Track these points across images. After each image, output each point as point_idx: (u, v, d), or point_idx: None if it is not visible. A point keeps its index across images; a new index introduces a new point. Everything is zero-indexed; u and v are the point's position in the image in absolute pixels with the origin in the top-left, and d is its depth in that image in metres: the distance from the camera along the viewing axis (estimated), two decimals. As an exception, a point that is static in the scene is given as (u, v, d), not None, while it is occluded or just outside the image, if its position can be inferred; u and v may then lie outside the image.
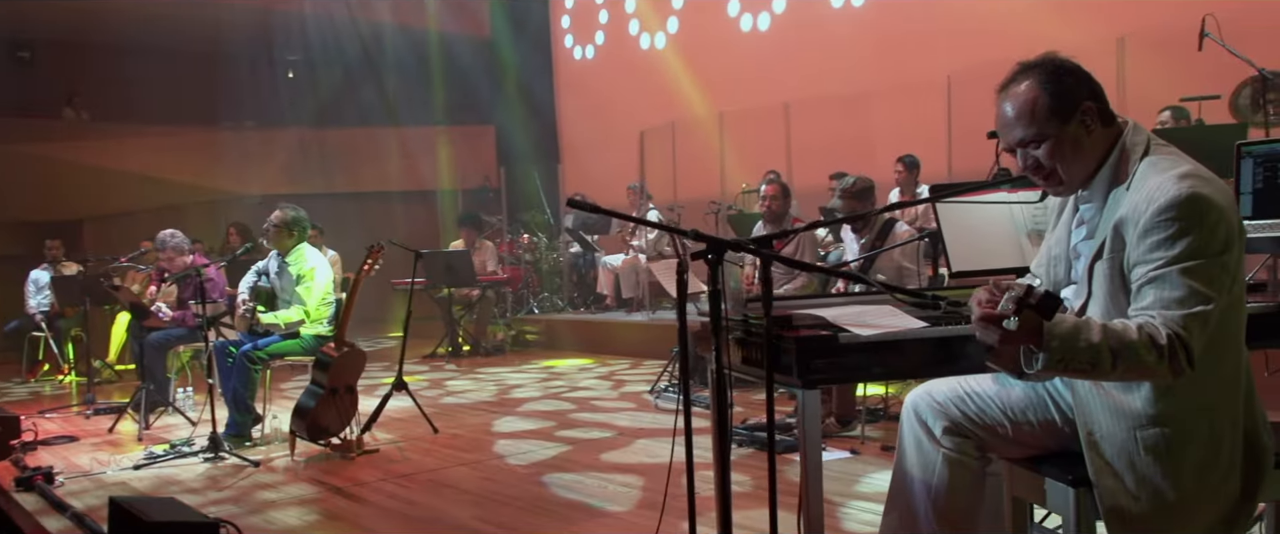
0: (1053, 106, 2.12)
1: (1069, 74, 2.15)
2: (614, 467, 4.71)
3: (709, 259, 2.39)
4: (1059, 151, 2.13)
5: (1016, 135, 2.17)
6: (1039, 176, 2.20)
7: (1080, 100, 2.12)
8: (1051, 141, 2.13)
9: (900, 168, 8.15)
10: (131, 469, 5.07)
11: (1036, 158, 2.16)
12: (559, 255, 11.43)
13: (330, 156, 14.38)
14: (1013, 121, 2.17)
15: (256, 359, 5.56)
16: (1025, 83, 2.16)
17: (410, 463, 4.97)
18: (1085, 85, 2.14)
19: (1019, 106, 2.15)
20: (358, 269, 5.37)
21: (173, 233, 6.85)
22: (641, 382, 7.53)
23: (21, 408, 7.34)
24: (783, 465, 4.54)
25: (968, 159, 7.16)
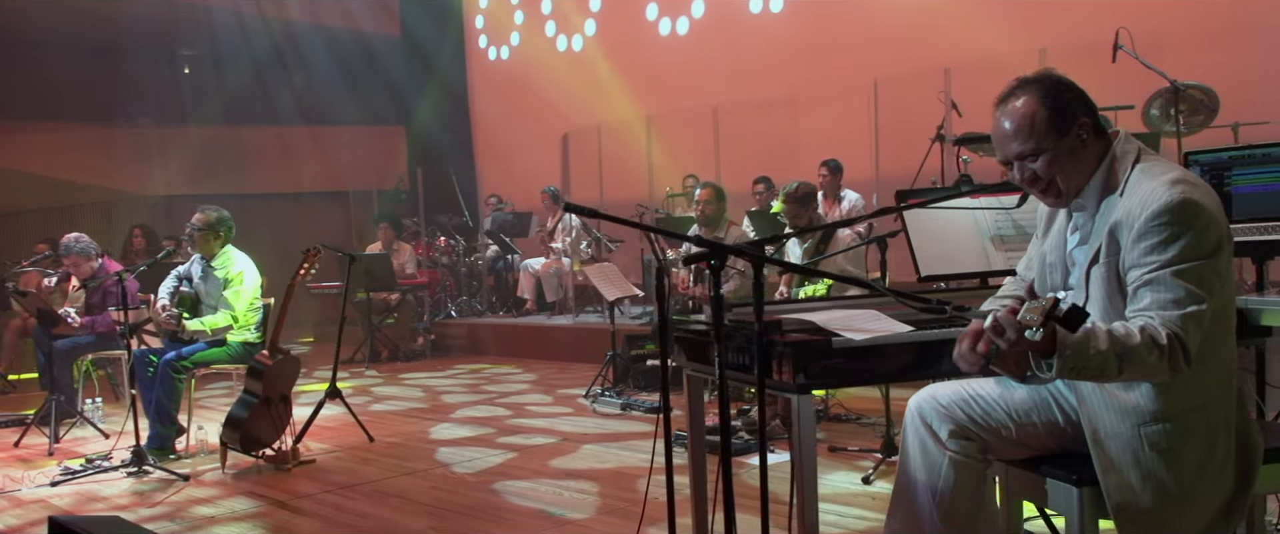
0: (1052, 120, 2.16)
1: (1068, 90, 2.20)
2: (565, 473, 4.64)
3: (712, 265, 2.36)
4: (1057, 164, 2.18)
5: (1015, 149, 2.21)
6: (1036, 188, 2.25)
7: (1078, 115, 2.17)
8: (1049, 154, 2.17)
9: (825, 171, 8.26)
10: (48, 486, 4.78)
11: (1034, 170, 2.20)
12: (477, 258, 11.24)
13: (235, 156, 13.87)
14: (1011, 135, 2.21)
15: (181, 368, 5.30)
16: (1024, 98, 2.20)
17: (351, 473, 4.81)
18: (1081, 101, 2.20)
19: (1018, 121, 2.19)
20: (293, 274, 5.16)
21: (78, 237, 6.50)
22: (574, 386, 7.46)
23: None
24: (737, 469, 4.55)
25: (896, 161, 7.31)
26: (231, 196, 13.51)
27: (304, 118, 14.12)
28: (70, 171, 13.19)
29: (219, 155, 13.74)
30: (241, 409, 4.93)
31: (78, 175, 13.28)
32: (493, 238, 10.76)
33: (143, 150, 13.73)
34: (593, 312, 9.98)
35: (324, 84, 14.17)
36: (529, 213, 11.28)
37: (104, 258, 6.64)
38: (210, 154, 13.68)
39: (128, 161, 13.66)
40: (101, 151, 13.49)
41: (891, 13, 8.50)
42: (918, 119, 7.09)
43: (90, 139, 13.44)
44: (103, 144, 13.51)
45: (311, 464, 5.04)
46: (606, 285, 6.88)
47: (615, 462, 4.83)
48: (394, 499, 4.30)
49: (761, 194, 8.70)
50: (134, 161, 13.68)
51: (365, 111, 14.52)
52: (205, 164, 13.68)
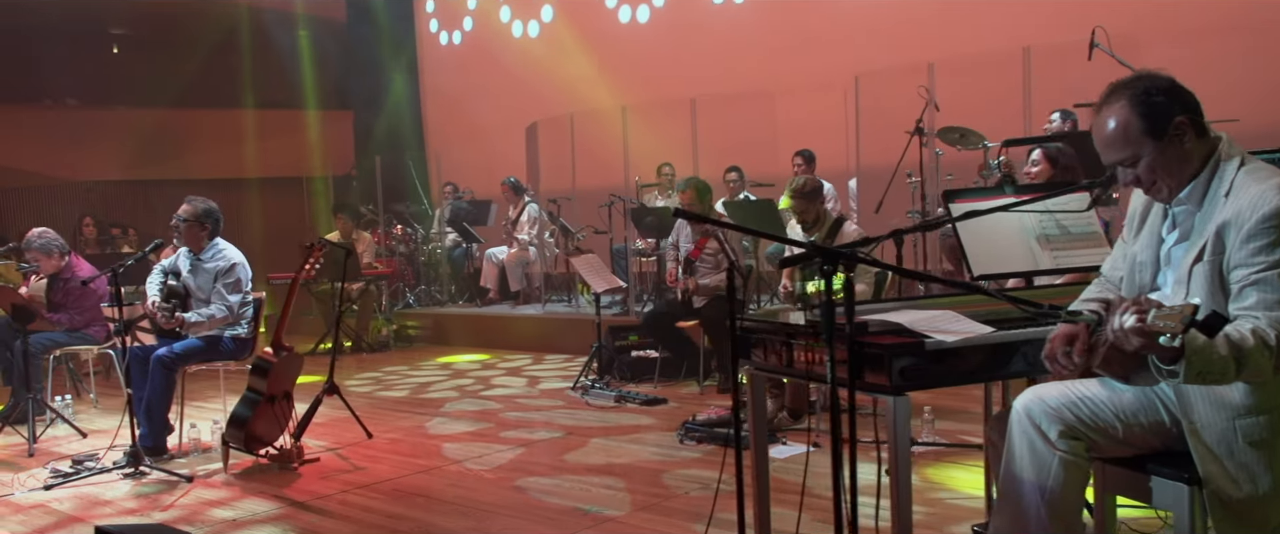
0: (1145, 127, 2.23)
1: (1160, 93, 2.26)
2: (585, 468, 4.63)
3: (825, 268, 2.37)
4: (1157, 167, 2.25)
5: (1114, 157, 2.28)
6: (1141, 189, 2.32)
7: (1172, 117, 2.23)
8: (1148, 159, 2.24)
9: (799, 161, 8.36)
10: (42, 489, 4.59)
11: (1136, 174, 2.27)
12: (436, 247, 11.08)
13: (175, 140, 13.38)
14: (1108, 145, 2.28)
15: (173, 365, 5.14)
16: (1117, 105, 2.26)
17: (363, 472, 4.73)
18: (1178, 101, 2.25)
19: (1113, 131, 2.25)
20: (298, 269, 5.04)
21: (41, 232, 6.25)
22: (554, 377, 7.45)
23: None
24: (757, 461, 4.59)
25: (871, 154, 7.43)
26: (174, 182, 13.12)
27: (245, 102, 13.72)
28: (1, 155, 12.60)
29: (157, 140, 13.24)
30: (246, 408, 4.80)
31: (5, 159, 12.69)
32: (454, 227, 10.63)
33: (74, 134, 13.16)
34: (559, 301, 9.94)
35: (266, 67, 13.79)
36: (488, 201, 11.16)
37: (72, 256, 6.38)
38: (148, 138, 13.18)
39: (59, 145, 13.09)
40: (29, 134, 12.89)
41: (873, 8, 8.64)
42: (895, 112, 7.22)
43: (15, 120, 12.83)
44: (30, 126, 12.92)
45: (316, 462, 4.94)
46: (594, 277, 6.86)
47: (630, 456, 4.84)
48: (418, 498, 4.24)
49: (733, 183, 8.78)
50: (66, 146, 13.11)
51: (310, 96, 14.19)
52: (143, 149, 13.20)
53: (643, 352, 7.07)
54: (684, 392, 6.48)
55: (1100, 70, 5.99)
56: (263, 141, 13.68)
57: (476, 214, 10.96)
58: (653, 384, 6.68)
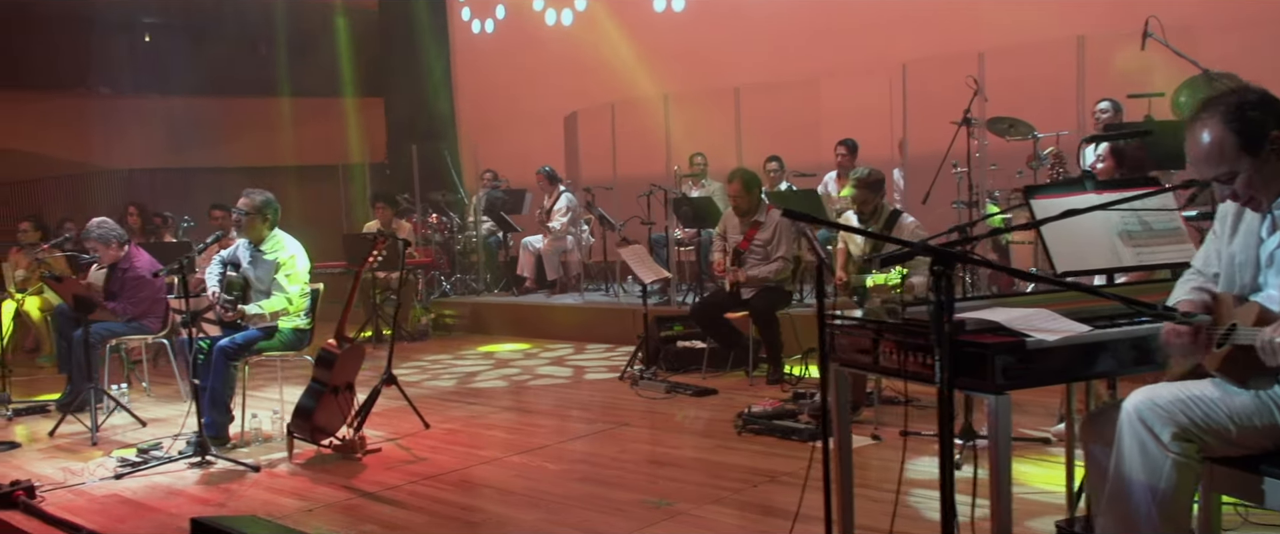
0: (1241, 143, 2.24)
1: (1254, 107, 2.26)
2: (646, 460, 4.66)
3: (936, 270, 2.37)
4: (1254, 182, 2.27)
5: (1209, 173, 2.29)
6: (1239, 202, 2.33)
7: (1268, 132, 2.24)
8: (1245, 175, 2.25)
9: (842, 150, 8.35)
10: (113, 478, 4.64)
11: (1234, 189, 2.28)
12: (473, 235, 11.09)
13: (209, 129, 13.46)
14: (1203, 160, 2.30)
15: (234, 355, 5.18)
16: (1211, 121, 2.28)
17: (427, 463, 4.76)
18: (1272, 115, 2.26)
19: (1207, 147, 2.28)
20: (361, 261, 5.07)
21: (101, 221, 6.34)
22: (600, 367, 7.47)
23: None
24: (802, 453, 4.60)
25: (918, 144, 7.40)
26: (207, 170, 13.20)
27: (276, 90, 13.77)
28: (36, 143, 12.70)
29: (189, 128, 13.33)
30: (310, 399, 4.84)
31: (44, 148, 12.78)
32: (492, 216, 10.65)
33: (109, 122, 13.26)
34: (596, 290, 9.95)
35: (296, 55, 13.82)
36: (523, 190, 11.18)
37: (131, 246, 6.45)
38: (180, 126, 13.27)
39: (93, 134, 13.19)
40: (66, 123, 13.00)
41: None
42: (940, 101, 7.19)
43: (52, 109, 12.92)
44: (67, 115, 13.01)
45: (378, 453, 4.97)
46: (641, 267, 6.87)
47: (691, 447, 4.86)
48: (487, 490, 4.28)
49: (774, 172, 8.77)
50: (100, 134, 13.21)
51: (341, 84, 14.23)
52: (175, 137, 13.28)
53: (688, 342, 7.09)
54: (732, 382, 6.49)
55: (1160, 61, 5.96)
56: (293, 130, 13.74)
57: (511, 203, 10.99)
58: (700, 374, 6.69)
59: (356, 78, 14.32)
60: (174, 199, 12.71)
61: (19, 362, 8.49)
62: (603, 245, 9.98)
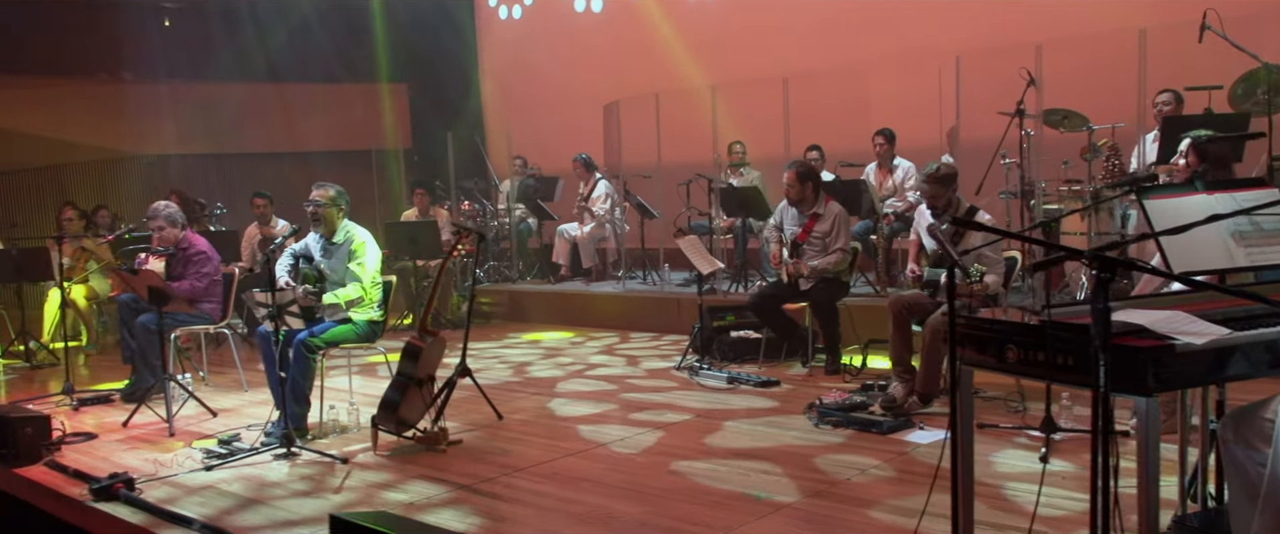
0: None
1: None
2: (732, 453, 4.70)
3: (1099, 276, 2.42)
4: None
5: None
6: None
7: None
8: None
9: (881, 140, 8.38)
10: (203, 471, 4.69)
11: None
12: (506, 222, 11.10)
13: (233, 114, 13.40)
14: None
15: (313, 347, 5.23)
16: None
17: (512, 454, 4.82)
18: None
19: None
20: (446, 254, 5.11)
21: (166, 204, 6.40)
22: (651, 356, 7.53)
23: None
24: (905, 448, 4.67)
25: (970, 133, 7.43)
26: (234, 156, 13.19)
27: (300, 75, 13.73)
28: (62, 129, 12.65)
29: (213, 113, 13.28)
30: (396, 392, 4.89)
31: (72, 133, 12.74)
32: (527, 203, 10.68)
33: (132, 108, 13.19)
34: (632, 277, 9.98)
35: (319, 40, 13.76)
36: (555, 177, 11.20)
37: (189, 230, 6.49)
38: (204, 112, 13.22)
39: (118, 120, 13.13)
40: (92, 109, 12.93)
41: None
42: (987, 91, 7.23)
43: (77, 96, 12.87)
44: (92, 101, 12.96)
45: (459, 445, 5.03)
46: (698, 258, 6.91)
47: (771, 440, 4.91)
48: (584, 483, 4.33)
49: (815, 162, 8.79)
50: (124, 120, 13.15)
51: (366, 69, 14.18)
52: (200, 123, 13.23)
53: (741, 332, 7.14)
54: (790, 372, 6.56)
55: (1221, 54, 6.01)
56: (317, 116, 13.70)
57: (543, 190, 11.02)
58: (757, 365, 6.75)
59: (379, 63, 14.29)
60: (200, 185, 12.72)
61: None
62: (639, 233, 10.00)
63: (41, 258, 8.05)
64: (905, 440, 4.78)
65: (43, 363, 8.04)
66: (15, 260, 8.05)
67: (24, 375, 7.76)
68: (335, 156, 13.19)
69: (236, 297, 6.71)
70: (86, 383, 7.12)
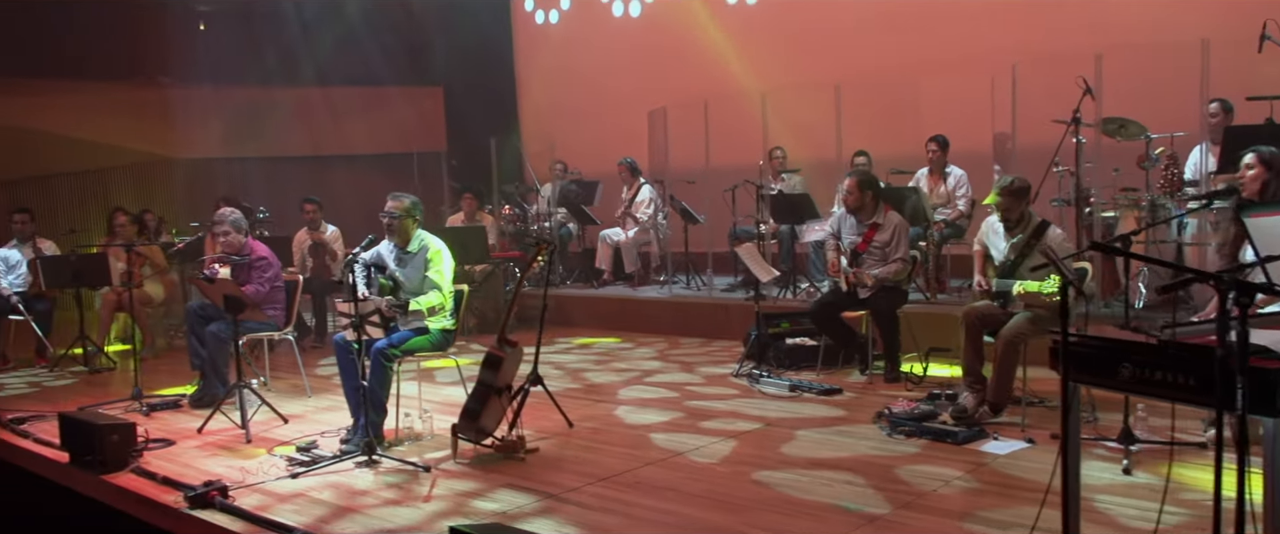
0: None
1: None
2: (811, 462, 4.75)
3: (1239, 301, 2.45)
4: None
5: None
6: None
7: None
8: None
9: (933, 147, 8.40)
10: (289, 478, 4.76)
11: None
12: (547, 226, 11.14)
13: (269, 117, 13.48)
14: None
15: (391, 356, 5.30)
16: None
17: (592, 463, 4.88)
18: None
19: None
20: (526, 266, 5.18)
21: (232, 210, 6.51)
22: (705, 362, 7.58)
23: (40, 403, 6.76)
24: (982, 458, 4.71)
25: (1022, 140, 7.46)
26: (271, 160, 13.27)
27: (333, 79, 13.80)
28: (99, 133, 12.77)
29: (249, 117, 13.35)
30: (477, 401, 4.96)
31: (106, 137, 12.85)
32: (570, 208, 10.74)
33: (168, 111, 13.30)
34: (673, 282, 10.00)
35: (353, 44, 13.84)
36: (595, 181, 11.26)
37: (250, 237, 6.59)
38: (240, 115, 13.30)
39: (155, 123, 13.24)
40: (125, 112, 13.04)
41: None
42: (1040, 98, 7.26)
43: (112, 100, 12.98)
44: (126, 104, 13.07)
45: (536, 453, 5.09)
46: (756, 266, 6.96)
47: (846, 450, 4.94)
48: (668, 492, 4.39)
49: (863, 165, 8.84)
50: (161, 123, 13.26)
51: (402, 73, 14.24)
52: (236, 126, 13.31)
53: (797, 339, 7.19)
54: (849, 380, 6.60)
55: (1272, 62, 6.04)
56: (355, 119, 13.77)
57: (584, 194, 11.07)
58: (815, 372, 6.79)
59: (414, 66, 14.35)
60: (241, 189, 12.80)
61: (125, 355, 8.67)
62: (683, 238, 10.05)
63: (100, 264, 8.15)
64: (981, 451, 4.82)
65: (101, 367, 8.12)
66: (74, 266, 8.14)
67: (83, 380, 7.85)
68: (376, 160, 13.28)
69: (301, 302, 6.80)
70: (145, 388, 7.20)
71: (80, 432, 5.06)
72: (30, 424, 6.05)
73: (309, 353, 8.38)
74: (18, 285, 8.51)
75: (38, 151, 12.29)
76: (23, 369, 8.32)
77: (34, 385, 7.65)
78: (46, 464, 5.37)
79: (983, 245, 5.66)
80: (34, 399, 7.10)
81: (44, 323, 8.36)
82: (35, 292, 8.42)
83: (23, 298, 8.36)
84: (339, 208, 10.89)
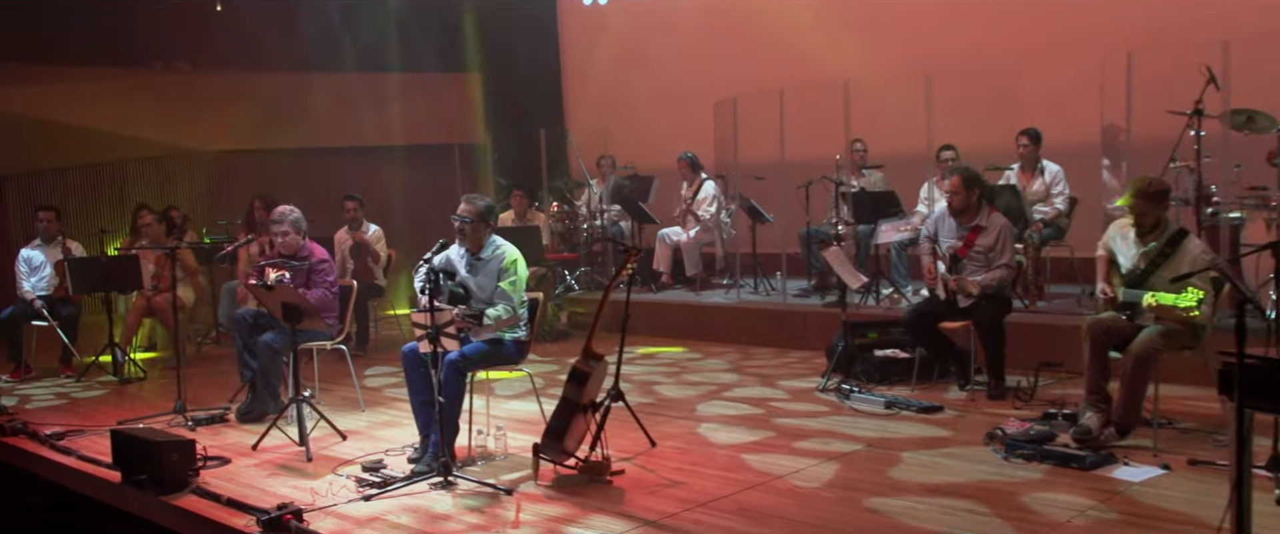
0: None
1: None
2: (922, 488, 4.75)
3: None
4: None
5: None
6: None
7: None
8: None
9: (1025, 141, 8.35)
10: (362, 501, 4.84)
11: None
12: (598, 225, 11.17)
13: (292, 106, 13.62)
14: None
15: (464, 369, 5.36)
16: None
17: (686, 487, 4.90)
18: None
19: None
20: (614, 274, 5.23)
21: (292, 208, 6.60)
22: (783, 374, 7.61)
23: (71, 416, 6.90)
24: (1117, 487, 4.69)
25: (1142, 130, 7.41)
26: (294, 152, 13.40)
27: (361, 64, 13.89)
28: (116, 123, 12.91)
29: (274, 106, 13.44)
30: (561, 420, 5.01)
31: (121, 127, 13.00)
32: (626, 206, 10.78)
33: (188, 100, 13.43)
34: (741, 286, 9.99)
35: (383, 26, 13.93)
36: (650, 176, 11.30)
37: (308, 239, 6.70)
38: (264, 104, 13.40)
39: (175, 113, 13.36)
40: (143, 101, 13.18)
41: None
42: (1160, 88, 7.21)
43: (127, 86, 13.14)
44: (143, 92, 13.23)
45: (622, 475, 5.13)
46: (845, 271, 6.97)
47: (961, 474, 4.94)
48: (775, 519, 4.41)
49: (950, 161, 8.81)
50: (182, 113, 13.38)
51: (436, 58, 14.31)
52: (260, 115, 13.42)
53: (886, 350, 7.19)
54: (948, 396, 6.59)
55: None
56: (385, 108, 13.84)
57: (638, 190, 11.12)
58: (909, 387, 6.80)
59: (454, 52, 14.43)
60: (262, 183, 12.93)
61: (155, 362, 8.82)
62: (750, 238, 10.08)
63: (132, 266, 8.29)
64: (1113, 477, 4.81)
65: (131, 377, 8.25)
66: (104, 268, 8.29)
67: (114, 390, 7.99)
68: (412, 152, 13.36)
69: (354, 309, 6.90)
70: (169, 398, 7.33)
71: (135, 449, 5.16)
72: (70, 439, 6.18)
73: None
74: (41, 288, 8.68)
75: (47, 143, 12.42)
76: (47, 378, 8.48)
77: (62, 396, 7.81)
78: (95, 483, 5.48)
79: (1108, 250, 5.63)
80: (64, 412, 7.25)
81: (70, 329, 8.52)
82: (60, 295, 8.58)
83: (47, 302, 8.54)
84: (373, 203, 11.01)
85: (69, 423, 6.69)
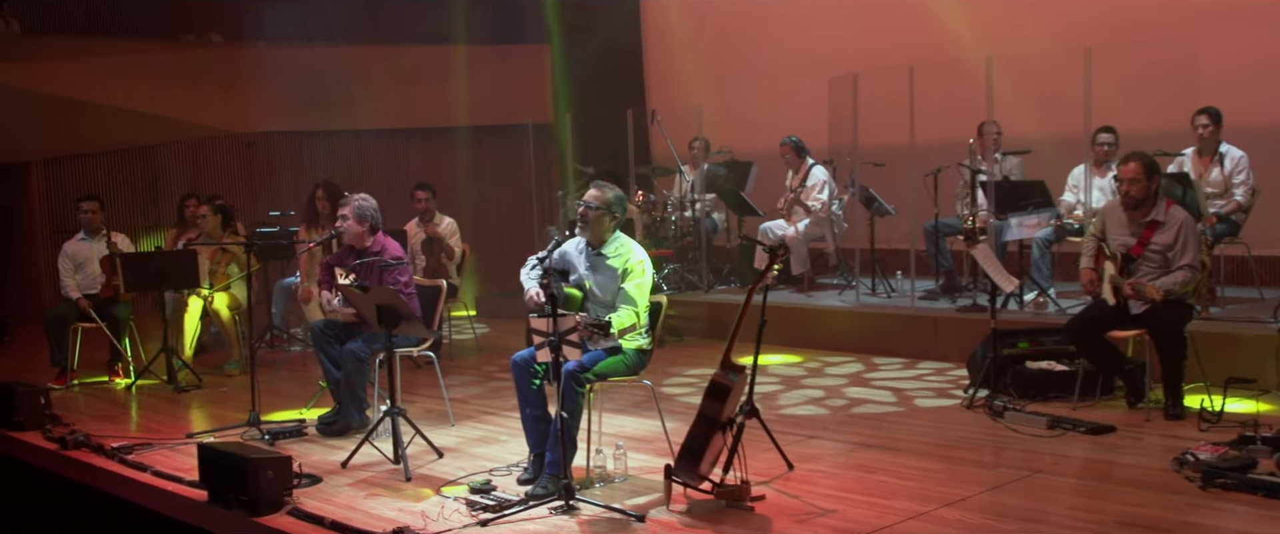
0: None
1: None
2: (1121, 521, 4.71)
3: None
4: None
5: None
6: None
7: None
8: None
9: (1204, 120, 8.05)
10: (478, 525, 4.94)
11: None
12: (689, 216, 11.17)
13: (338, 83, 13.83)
14: None
15: (583, 380, 5.44)
16: None
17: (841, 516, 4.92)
18: None
19: None
20: (758, 276, 5.29)
21: (367, 197, 6.73)
22: (918, 388, 7.62)
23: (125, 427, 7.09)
24: None
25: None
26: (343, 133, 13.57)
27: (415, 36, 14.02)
28: (143, 101, 13.16)
29: (317, 83, 13.67)
30: (699, 439, 5.06)
31: (154, 106, 13.25)
32: (724, 195, 10.82)
33: (225, 76, 13.69)
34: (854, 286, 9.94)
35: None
36: (748, 162, 11.32)
37: (380, 232, 6.83)
38: (306, 81, 13.62)
39: (211, 91, 13.62)
40: (176, 78, 13.43)
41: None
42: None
43: (157, 61, 13.38)
44: (176, 68, 13.48)
45: (763, 501, 5.17)
46: (998, 273, 6.94)
47: (1160, 505, 4.82)
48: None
49: (1108, 146, 8.73)
50: (218, 91, 13.64)
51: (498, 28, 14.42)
52: (302, 93, 13.62)
53: (1041, 362, 7.16)
54: (1116, 415, 6.55)
55: None
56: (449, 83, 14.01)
57: (734, 178, 11.14)
58: (1070, 404, 6.77)
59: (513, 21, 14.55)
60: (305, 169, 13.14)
61: (204, 367, 9.03)
62: (867, 231, 10.06)
63: (188, 262, 8.48)
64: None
65: (187, 385, 8.44)
66: (158, 265, 8.49)
67: (169, 400, 8.20)
68: (477, 134, 13.50)
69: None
70: (220, 408, 7.53)
71: (226, 466, 5.30)
72: (138, 453, 6.36)
73: (426, 370, 8.59)
74: (87, 287, 8.91)
75: (73, 124, 12.71)
76: (96, 385, 8.71)
77: (118, 406, 8.02)
78: (179, 503, 5.64)
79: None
80: (118, 423, 7.45)
81: (117, 330, 8.73)
82: (107, 294, 8.79)
83: (93, 301, 8.76)
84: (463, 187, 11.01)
85: (126, 434, 6.89)
